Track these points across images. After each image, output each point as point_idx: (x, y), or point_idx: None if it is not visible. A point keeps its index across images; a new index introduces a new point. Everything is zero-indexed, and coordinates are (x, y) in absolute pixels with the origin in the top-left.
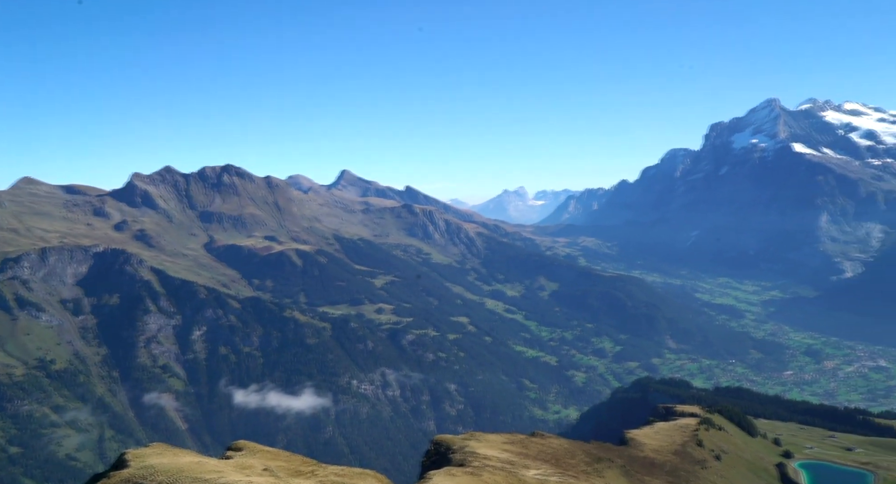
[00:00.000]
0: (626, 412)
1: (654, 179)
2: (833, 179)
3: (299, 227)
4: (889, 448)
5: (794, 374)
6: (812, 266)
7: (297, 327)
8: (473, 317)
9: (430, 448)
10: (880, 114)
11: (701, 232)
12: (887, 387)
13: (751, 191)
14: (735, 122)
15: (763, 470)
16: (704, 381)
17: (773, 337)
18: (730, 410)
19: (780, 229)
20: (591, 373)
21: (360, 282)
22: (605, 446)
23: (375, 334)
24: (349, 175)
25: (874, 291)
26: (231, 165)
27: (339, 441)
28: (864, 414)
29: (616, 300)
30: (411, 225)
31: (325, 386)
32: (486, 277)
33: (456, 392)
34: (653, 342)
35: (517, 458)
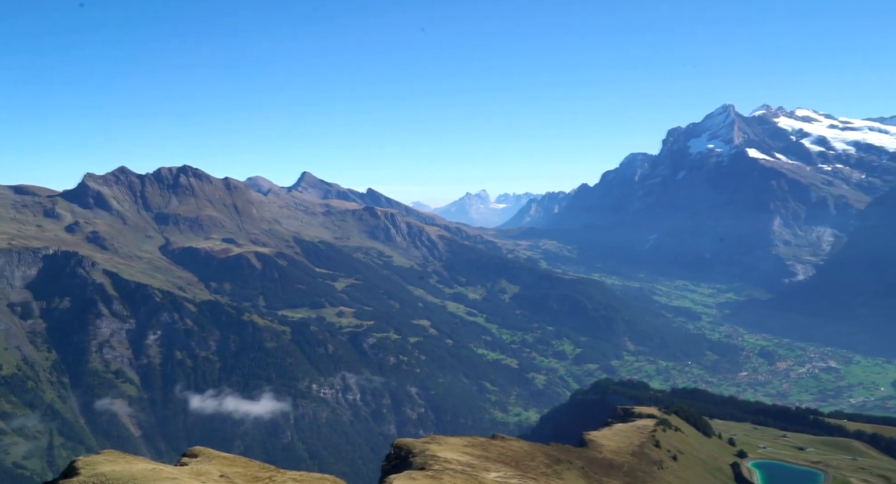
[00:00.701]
0: (586, 414)
1: (614, 183)
2: (786, 184)
3: (258, 230)
4: (839, 447)
5: (749, 375)
6: (765, 269)
7: (255, 331)
8: (435, 320)
9: (390, 452)
10: (831, 120)
11: (659, 235)
12: (837, 387)
13: (707, 195)
14: (692, 127)
15: (718, 470)
16: (662, 382)
17: (728, 339)
18: (686, 410)
19: (734, 233)
20: (551, 375)
21: (320, 285)
22: (565, 448)
23: (336, 338)
24: (310, 177)
25: (825, 294)
26: (188, 166)
27: (298, 446)
28: (815, 414)
29: (576, 303)
30: (373, 227)
31: (284, 390)
32: (447, 279)
33: (417, 395)
34: (612, 344)
35: (478, 461)
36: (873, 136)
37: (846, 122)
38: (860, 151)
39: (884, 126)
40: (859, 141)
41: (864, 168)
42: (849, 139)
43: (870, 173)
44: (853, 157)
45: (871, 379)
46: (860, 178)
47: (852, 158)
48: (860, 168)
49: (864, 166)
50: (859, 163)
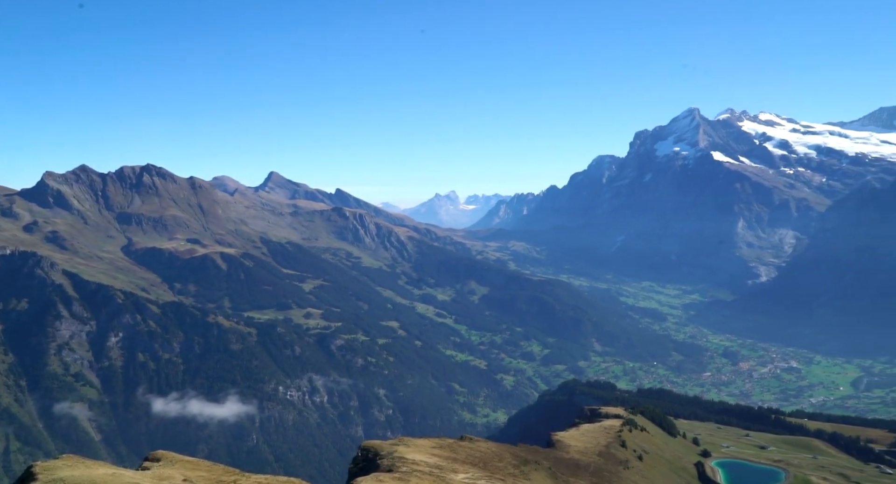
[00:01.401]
0: (553, 415)
1: (582, 185)
2: (749, 187)
3: (224, 230)
4: (799, 446)
5: (713, 375)
6: (729, 271)
7: (220, 333)
8: (404, 321)
9: (357, 454)
10: (793, 124)
11: (626, 237)
12: (798, 387)
13: (673, 197)
14: (658, 130)
15: (682, 469)
16: (628, 382)
17: (693, 339)
18: (652, 410)
19: (699, 235)
20: (519, 376)
21: (287, 286)
22: (532, 449)
23: (303, 339)
24: (277, 177)
25: (786, 295)
26: (152, 165)
27: (263, 449)
28: (777, 413)
29: (544, 304)
30: (341, 228)
31: (249, 393)
32: (416, 281)
33: (385, 397)
34: (579, 345)
35: (445, 462)
36: (833, 140)
37: (807, 126)
38: (821, 155)
39: (843, 130)
40: (820, 145)
41: (825, 171)
42: (810, 143)
43: (830, 177)
44: (814, 161)
45: (831, 379)
46: (821, 182)
47: (813, 162)
48: (821, 171)
49: (825, 170)
50: (820, 166)
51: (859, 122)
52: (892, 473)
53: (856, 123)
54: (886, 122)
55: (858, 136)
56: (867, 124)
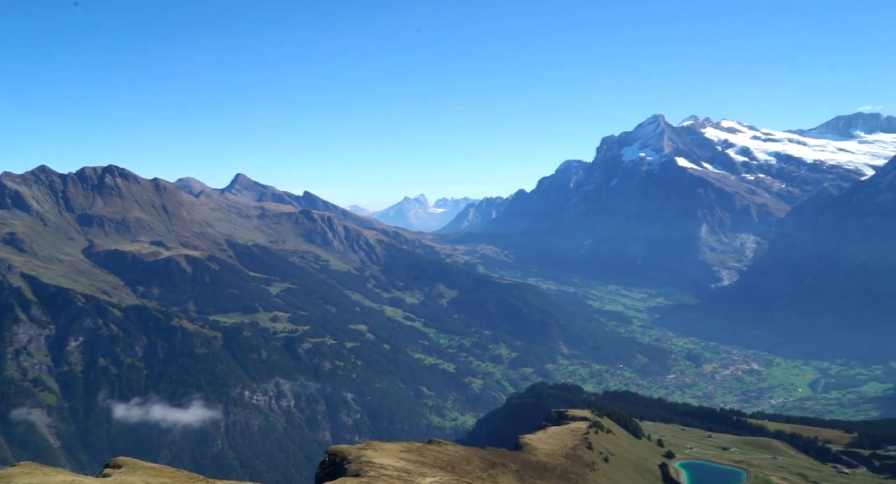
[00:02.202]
0: (521, 417)
1: (550, 189)
2: (712, 193)
3: (189, 233)
4: (760, 447)
5: (677, 377)
6: (693, 274)
7: (185, 337)
8: (372, 324)
9: (324, 459)
10: (754, 132)
11: (593, 241)
12: (759, 389)
13: (639, 202)
14: (624, 136)
15: (647, 470)
16: (595, 385)
17: (658, 342)
18: (618, 413)
19: (664, 239)
20: (487, 379)
21: (254, 289)
22: (500, 452)
23: (270, 343)
24: (244, 179)
25: (747, 299)
26: (114, 166)
27: (228, 455)
28: (738, 415)
29: (513, 307)
30: (309, 231)
31: (214, 398)
32: (385, 284)
33: (353, 401)
34: (547, 348)
35: (413, 466)
36: (792, 147)
37: (768, 133)
38: (780, 162)
39: (802, 138)
40: (779, 152)
41: (784, 178)
42: (770, 150)
43: (789, 183)
44: (774, 168)
45: (791, 380)
46: (780, 188)
47: (773, 168)
48: (780, 178)
49: (784, 176)
50: (780, 173)
51: (817, 130)
52: (849, 472)
53: (814, 131)
54: (843, 131)
55: (816, 143)
56: (824, 132)
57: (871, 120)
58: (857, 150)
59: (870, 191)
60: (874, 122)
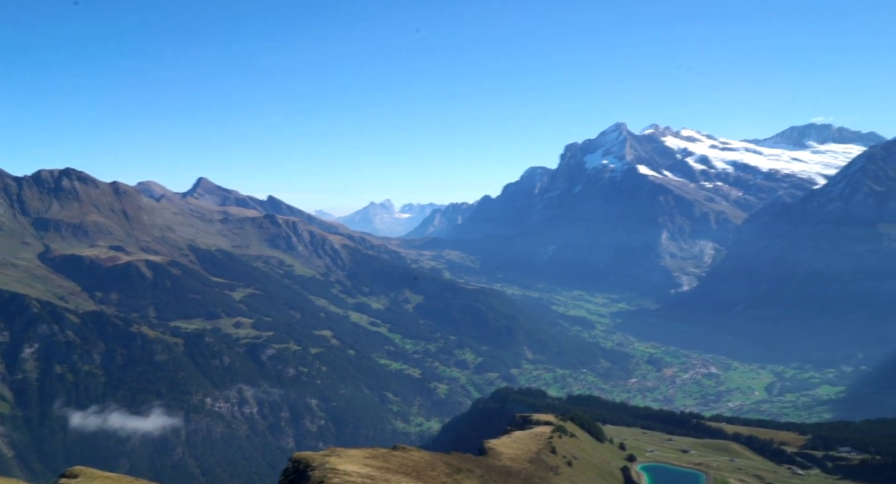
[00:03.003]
0: (486, 422)
1: (515, 196)
2: (672, 200)
3: (150, 237)
4: (718, 449)
5: (638, 381)
6: (654, 280)
7: (145, 343)
8: (337, 330)
9: (288, 466)
10: (712, 141)
11: (557, 247)
12: (717, 392)
13: (601, 209)
14: (588, 143)
15: (609, 474)
16: (559, 389)
17: (620, 347)
18: (581, 417)
19: (626, 245)
20: (453, 384)
21: (217, 295)
22: (465, 457)
23: (233, 349)
24: (207, 183)
25: (706, 304)
26: (72, 169)
27: (189, 463)
28: (698, 418)
29: (478, 312)
30: (274, 236)
31: (175, 405)
32: (350, 289)
33: (317, 407)
34: (512, 353)
35: (378, 472)
36: (749, 156)
37: (725, 142)
38: (737, 170)
39: (758, 147)
40: (737, 161)
41: (741, 186)
42: (727, 159)
43: (746, 191)
44: (731, 176)
45: (748, 384)
46: (738, 196)
47: (731, 177)
48: (737, 186)
49: (741, 184)
50: (737, 181)
51: (772, 140)
52: (803, 473)
53: (769, 141)
54: (796, 141)
55: (771, 153)
56: (779, 142)
57: (823, 131)
58: (810, 159)
59: (822, 199)
60: (826, 133)
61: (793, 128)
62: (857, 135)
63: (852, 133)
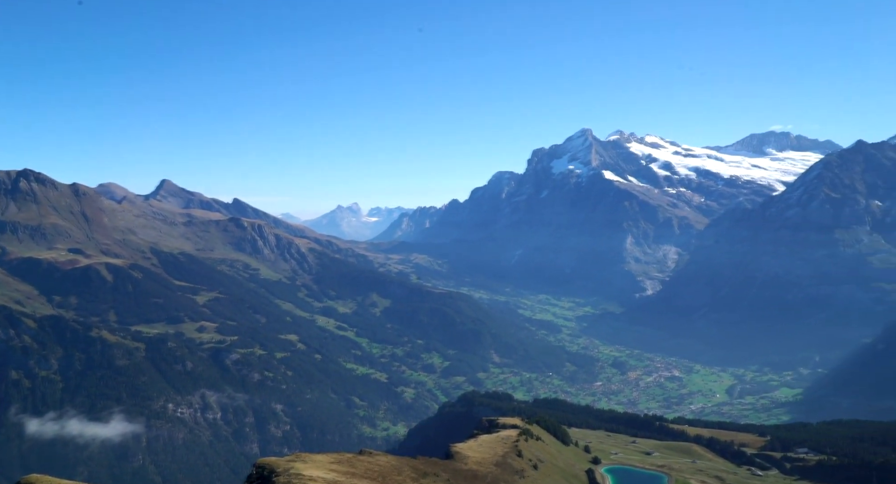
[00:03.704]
0: (453, 426)
1: (483, 200)
2: (637, 205)
3: (111, 240)
4: (680, 451)
5: (603, 384)
6: (619, 284)
7: (104, 348)
8: (303, 334)
9: (251, 472)
10: (675, 147)
11: (524, 251)
12: (680, 395)
13: (568, 213)
14: (554, 148)
15: (574, 476)
16: (525, 393)
17: (586, 350)
18: (546, 420)
19: (592, 250)
20: (420, 388)
21: (180, 299)
22: (432, 461)
23: (196, 354)
24: (170, 185)
25: (669, 308)
26: (29, 170)
27: (150, 470)
28: (661, 420)
29: (445, 316)
30: (239, 239)
31: (136, 411)
32: (317, 293)
33: (282, 412)
34: (479, 357)
35: (344, 477)
36: (710, 162)
37: (688, 149)
38: (700, 177)
39: (719, 154)
40: (699, 167)
41: (703, 192)
42: (690, 165)
43: (707, 197)
44: (694, 182)
45: (709, 386)
46: (700, 202)
47: (693, 183)
48: (700, 192)
49: (703, 190)
50: (699, 187)
51: (733, 147)
52: (762, 474)
53: (730, 148)
54: (756, 148)
55: (732, 159)
56: (740, 149)
57: (782, 138)
58: (770, 166)
59: (780, 206)
60: (785, 141)
61: (753, 135)
62: (815, 143)
63: (810, 141)
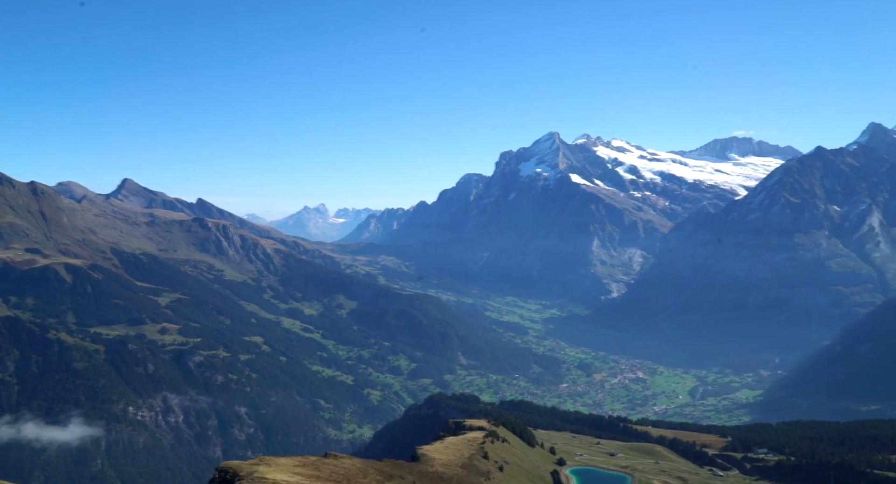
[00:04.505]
0: (419, 428)
1: (451, 202)
2: (603, 208)
3: (70, 240)
4: (644, 452)
5: (569, 386)
6: (585, 287)
7: (62, 350)
8: (268, 336)
9: (214, 476)
10: (641, 151)
11: (492, 253)
12: (644, 396)
13: (535, 216)
14: (522, 151)
15: (540, 478)
16: (492, 395)
17: (552, 352)
18: (513, 422)
19: (559, 252)
20: (386, 391)
21: (141, 300)
22: (398, 463)
23: (157, 356)
24: (132, 184)
25: (634, 310)
26: None
27: (109, 474)
28: (625, 422)
29: (413, 318)
30: (203, 240)
31: (95, 414)
32: (283, 295)
33: (246, 415)
34: (446, 359)
35: (308, 481)
36: (675, 167)
37: (653, 153)
38: (664, 181)
39: (684, 158)
40: (664, 171)
41: (668, 196)
42: (655, 169)
43: (672, 201)
44: (659, 186)
45: (672, 388)
46: (664, 205)
47: (658, 187)
48: (664, 196)
49: (668, 194)
50: (664, 191)
51: (696, 152)
52: (723, 475)
53: (694, 153)
54: (719, 153)
55: (696, 164)
56: (703, 154)
57: (745, 144)
58: (732, 171)
59: (742, 210)
60: (747, 146)
61: (716, 141)
62: (776, 148)
63: (771, 146)
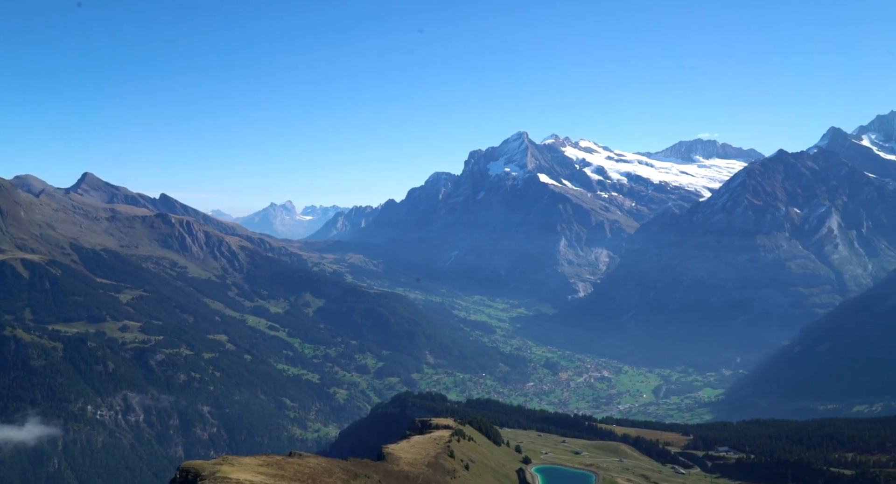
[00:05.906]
0: (386, 427)
1: (420, 200)
2: (571, 208)
3: (27, 235)
4: (608, 450)
5: (535, 385)
6: (552, 286)
7: (19, 348)
8: (233, 334)
9: (175, 476)
10: (608, 152)
11: (460, 252)
12: (609, 395)
13: (503, 215)
14: (491, 151)
15: (505, 476)
16: (458, 394)
17: (519, 351)
18: (479, 420)
19: (526, 252)
20: (353, 389)
21: (101, 297)
22: (363, 463)
23: (118, 354)
24: (92, 178)
25: (600, 310)
26: None
27: (66, 474)
28: (590, 420)
29: (380, 317)
30: (166, 236)
31: (52, 413)
32: (248, 292)
33: (209, 414)
34: (413, 358)
35: (272, 480)
36: (641, 168)
37: (620, 154)
38: (631, 182)
39: (650, 160)
40: (630, 172)
41: (634, 197)
42: (622, 170)
43: (638, 201)
44: (625, 187)
45: (637, 387)
46: (631, 206)
47: (625, 188)
48: (631, 196)
49: (634, 195)
50: (630, 192)
51: (662, 154)
52: (685, 472)
53: (660, 154)
54: (684, 155)
55: (662, 165)
56: (669, 156)
57: (709, 146)
58: (697, 173)
59: (706, 211)
60: (711, 149)
61: (681, 143)
62: (739, 151)
63: (734, 149)
